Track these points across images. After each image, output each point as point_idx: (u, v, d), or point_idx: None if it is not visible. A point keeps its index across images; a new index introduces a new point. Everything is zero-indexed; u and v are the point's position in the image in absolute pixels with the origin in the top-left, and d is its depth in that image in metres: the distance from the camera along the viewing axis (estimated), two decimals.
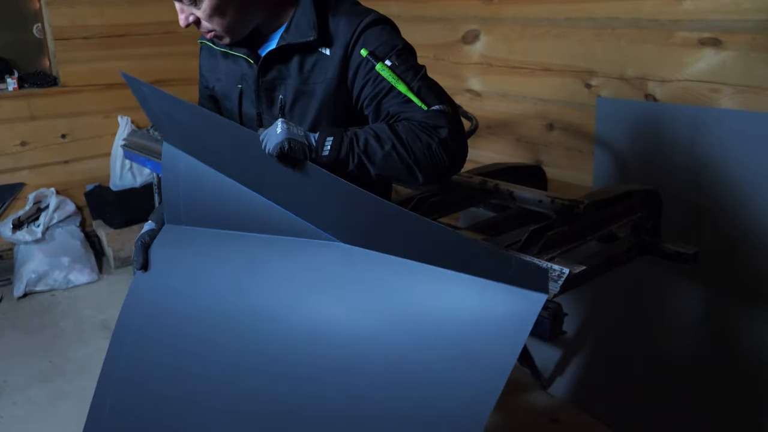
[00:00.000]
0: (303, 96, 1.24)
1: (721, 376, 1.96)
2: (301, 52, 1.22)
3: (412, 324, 1.01)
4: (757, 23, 1.79)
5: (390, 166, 1.13)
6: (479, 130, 2.33)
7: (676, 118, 1.98)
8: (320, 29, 1.20)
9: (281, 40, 1.22)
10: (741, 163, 1.84)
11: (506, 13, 2.46)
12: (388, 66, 1.18)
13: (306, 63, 1.23)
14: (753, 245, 1.85)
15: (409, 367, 0.99)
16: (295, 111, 1.26)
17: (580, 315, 2.29)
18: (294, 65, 1.23)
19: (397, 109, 1.18)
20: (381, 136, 1.13)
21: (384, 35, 1.21)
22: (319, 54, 1.22)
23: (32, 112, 3.42)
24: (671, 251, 1.69)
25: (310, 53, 1.22)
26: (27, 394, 2.45)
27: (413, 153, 1.13)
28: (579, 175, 2.37)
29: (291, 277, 1.15)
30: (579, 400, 2.33)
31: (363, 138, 1.12)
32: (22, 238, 3.27)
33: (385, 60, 1.19)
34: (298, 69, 1.23)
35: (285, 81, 1.25)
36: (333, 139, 1.10)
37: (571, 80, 2.30)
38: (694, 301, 1.99)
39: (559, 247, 1.50)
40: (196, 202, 1.33)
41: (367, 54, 1.18)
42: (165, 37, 3.66)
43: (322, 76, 1.22)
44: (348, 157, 1.11)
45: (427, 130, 1.14)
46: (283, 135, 1.04)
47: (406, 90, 1.18)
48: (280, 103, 1.25)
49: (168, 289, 1.33)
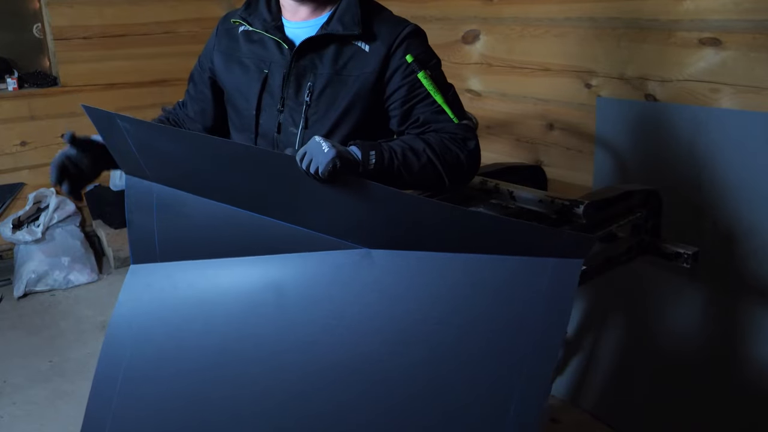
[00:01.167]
0: (334, 85, 1.27)
1: (721, 376, 1.96)
2: (338, 44, 1.26)
3: (456, 316, 1.02)
4: (757, 23, 1.79)
5: (424, 177, 1.21)
6: (479, 130, 2.32)
7: (676, 118, 1.98)
8: (364, 26, 1.25)
9: (322, 29, 1.26)
10: (741, 163, 1.84)
11: (506, 13, 2.46)
12: (429, 75, 1.26)
13: (342, 55, 1.26)
14: (753, 245, 1.85)
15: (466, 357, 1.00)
16: (322, 99, 1.27)
17: (580, 315, 2.29)
18: (329, 55, 1.26)
19: (429, 117, 1.27)
20: (416, 148, 1.20)
21: (424, 45, 1.31)
22: (356, 48, 1.26)
23: (32, 112, 3.42)
24: (671, 251, 1.69)
25: (347, 46, 1.26)
26: (27, 394, 2.45)
27: (446, 164, 1.22)
28: (579, 175, 2.37)
29: (324, 290, 1.12)
30: (579, 400, 2.33)
31: (400, 151, 1.18)
32: (22, 238, 3.27)
33: (426, 69, 1.27)
34: (332, 59, 1.26)
35: (316, 69, 1.27)
36: (375, 153, 1.13)
37: (571, 80, 2.30)
38: (694, 301, 1.99)
39: None
40: (177, 234, 1.25)
41: (413, 60, 1.26)
42: (165, 37, 3.66)
43: (358, 70, 1.26)
44: (390, 170, 1.16)
45: (457, 142, 1.24)
46: (333, 153, 1.01)
47: (442, 101, 1.27)
48: (309, 89, 1.27)
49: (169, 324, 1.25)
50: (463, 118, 1.29)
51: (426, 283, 1.05)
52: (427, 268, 1.05)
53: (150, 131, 1.21)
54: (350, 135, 1.27)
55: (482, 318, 1.00)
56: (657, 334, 2.10)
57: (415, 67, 1.26)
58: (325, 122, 1.28)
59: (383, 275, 1.08)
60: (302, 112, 1.28)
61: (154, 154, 1.22)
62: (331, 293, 1.11)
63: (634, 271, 1.95)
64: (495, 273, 0.99)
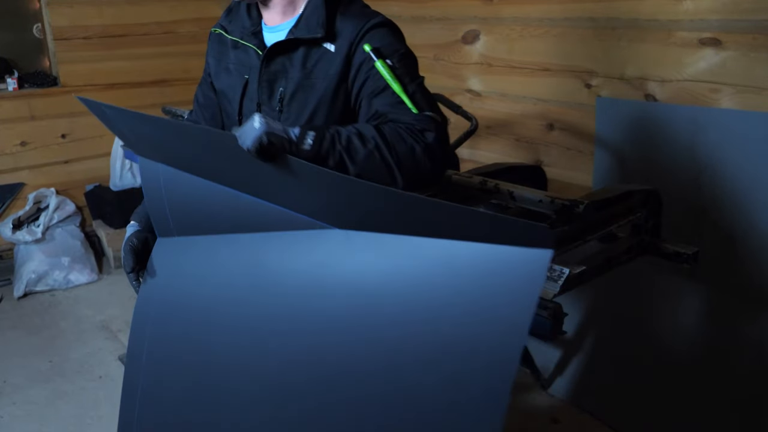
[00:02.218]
0: (303, 90, 1.25)
1: (721, 375, 1.96)
2: (307, 47, 1.24)
3: (422, 298, 1.01)
4: (757, 23, 1.79)
5: (371, 166, 1.11)
6: (479, 130, 2.32)
7: (676, 118, 1.98)
8: (328, 26, 1.22)
9: (290, 33, 1.25)
10: (741, 163, 1.84)
11: (506, 13, 2.46)
12: (388, 65, 1.19)
13: (310, 58, 1.24)
14: (753, 245, 1.85)
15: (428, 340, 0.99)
16: (293, 104, 1.27)
17: (580, 315, 2.29)
18: (298, 59, 1.25)
19: (387, 108, 1.18)
20: (365, 134, 1.11)
21: (389, 37, 1.23)
22: (323, 50, 1.23)
23: (32, 112, 3.42)
24: (671, 251, 1.69)
25: (315, 48, 1.24)
26: (27, 394, 2.45)
27: (396, 154, 1.11)
28: (579, 175, 2.37)
29: (294, 268, 1.14)
30: (579, 400, 2.33)
31: (345, 135, 1.10)
32: (22, 238, 3.27)
33: (386, 59, 1.19)
34: (301, 63, 1.25)
35: (287, 73, 1.26)
36: (315, 134, 1.08)
37: (571, 80, 2.30)
38: (694, 301, 1.99)
39: (559, 247, 1.50)
40: (183, 211, 1.30)
41: (370, 49, 1.19)
42: (165, 37, 3.67)
43: (324, 72, 1.23)
44: (329, 153, 1.09)
45: (413, 133, 1.13)
46: (262, 129, 1.00)
47: (401, 91, 1.17)
48: (280, 95, 1.27)
49: (176, 298, 1.32)
50: (426, 111, 1.18)
51: (396, 265, 1.04)
52: (398, 250, 1.03)
53: (131, 118, 1.24)
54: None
55: (451, 303, 0.98)
56: (657, 334, 2.10)
57: (373, 57, 1.19)
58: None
59: (353, 255, 1.08)
60: (277, 117, 1.28)
61: (142, 138, 1.28)
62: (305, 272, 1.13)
63: (634, 271, 1.95)
64: (467, 259, 0.97)
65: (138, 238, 1.37)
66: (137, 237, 1.37)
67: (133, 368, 1.39)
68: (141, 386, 1.37)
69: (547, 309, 1.35)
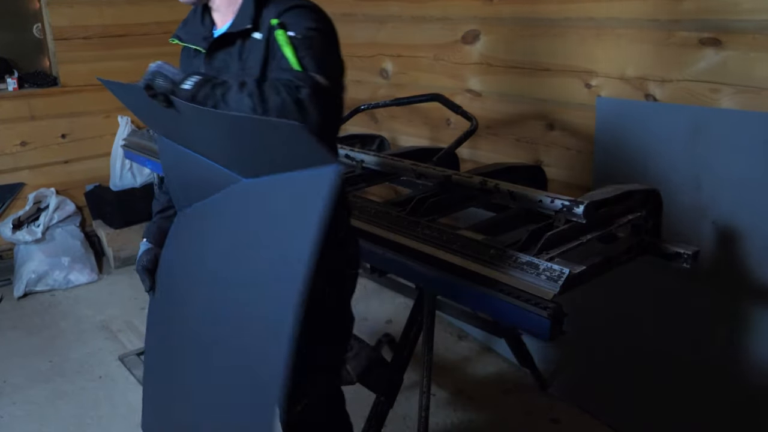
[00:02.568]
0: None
1: (721, 376, 1.96)
2: (242, 40, 1.30)
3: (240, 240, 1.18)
4: (757, 23, 1.79)
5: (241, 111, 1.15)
6: (479, 130, 2.33)
7: (676, 118, 1.98)
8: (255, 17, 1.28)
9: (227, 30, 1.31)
10: (741, 163, 1.84)
11: (506, 13, 2.46)
12: (288, 36, 1.21)
13: (245, 49, 1.30)
14: (753, 245, 1.85)
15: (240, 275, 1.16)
16: None
17: (580, 315, 2.28)
18: (236, 52, 1.30)
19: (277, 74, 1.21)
20: (246, 84, 1.17)
21: (301, 16, 1.24)
22: (253, 40, 1.28)
23: (32, 112, 3.42)
24: (671, 251, 1.69)
25: (247, 40, 1.29)
26: (27, 394, 2.45)
27: (266, 104, 1.13)
28: (579, 175, 2.37)
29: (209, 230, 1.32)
30: (579, 400, 2.33)
31: (227, 83, 1.18)
32: (22, 238, 3.27)
33: (287, 31, 1.21)
34: (238, 55, 1.30)
35: (229, 68, 1.31)
36: (197, 78, 1.17)
37: (571, 80, 2.30)
38: (694, 301, 1.99)
39: (559, 247, 1.50)
40: (175, 182, 1.44)
41: (276, 23, 1.22)
42: (165, 37, 3.63)
43: (254, 60, 1.28)
44: (208, 97, 1.16)
45: (288, 87, 1.14)
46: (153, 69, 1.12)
47: (292, 54, 1.20)
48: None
49: (162, 266, 1.49)
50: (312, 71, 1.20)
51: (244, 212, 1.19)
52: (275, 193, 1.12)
53: (121, 91, 1.36)
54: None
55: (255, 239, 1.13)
56: (657, 334, 2.10)
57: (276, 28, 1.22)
58: None
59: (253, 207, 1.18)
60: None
61: (139, 110, 1.41)
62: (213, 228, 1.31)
63: (634, 271, 1.95)
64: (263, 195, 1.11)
65: (148, 258, 1.47)
66: (147, 256, 1.47)
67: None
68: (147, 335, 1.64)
69: (547, 309, 1.35)
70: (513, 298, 1.41)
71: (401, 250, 1.68)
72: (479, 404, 2.41)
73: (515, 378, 2.54)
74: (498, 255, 1.50)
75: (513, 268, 1.46)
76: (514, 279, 1.44)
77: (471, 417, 2.35)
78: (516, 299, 1.41)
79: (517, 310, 1.41)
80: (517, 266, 1.46)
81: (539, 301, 1.37)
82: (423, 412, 1.80)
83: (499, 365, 2.64)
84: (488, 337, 2.73)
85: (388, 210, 1.81)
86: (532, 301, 1.38)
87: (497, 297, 1.44)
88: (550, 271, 1.40)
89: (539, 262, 1.43)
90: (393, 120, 3.06)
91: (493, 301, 1.45)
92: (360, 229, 1.82)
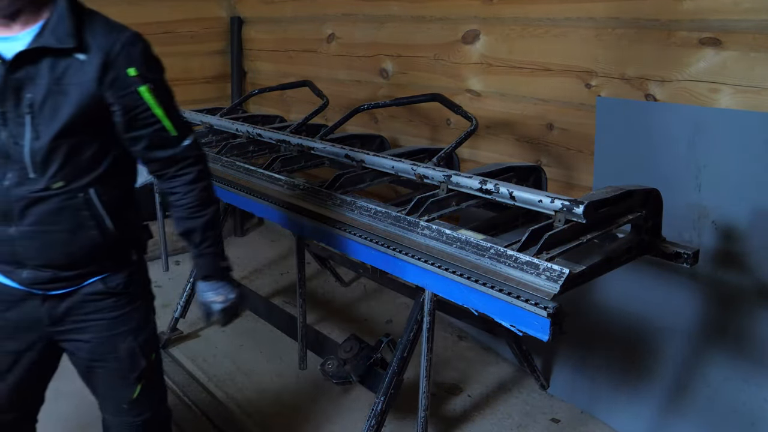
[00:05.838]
0: (54, 95, 1.27)
1: (721, 376, 1.96)
2: (54, 55, 1.27)
3: None
4: (757, 23, 1.79)
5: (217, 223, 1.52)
6: (479, 130, 2.32)
7: (676, 118, 1.98)
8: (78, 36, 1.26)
9: (35, 42, 1.25)
10: (741, 163, 1.84)
11: (506, 13, 2.46)
12: (152, 89, 1.32)
13: (58, 65, 1.27)
14: (753, 245, 1.85)
15: None
16: (45, 109, 1.27)
17: (580, 315, 2.29)
18: (45, 66, 1.27)
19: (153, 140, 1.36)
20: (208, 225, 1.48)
21: (147, 54, 1.35)
22: (73, 59, 1.27)
23: None
24: (671, 251, 1.69)
25: (62, 57, 1.27)
26: None
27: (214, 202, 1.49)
28: (579, 175, 2.37)
29: None
30: (579, 400, 2.34)
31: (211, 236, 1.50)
32: None
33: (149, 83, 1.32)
34: (49, 69, 1.27)
35: (34, 80, 1.27)
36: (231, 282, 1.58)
37: (571, 80, 2.30)
38: (694, 301, 1.99)
39: (559, 247, 1.50)
40: None
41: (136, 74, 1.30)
42: (165, 37, 3.66)
43: (77, 79, 1.27)
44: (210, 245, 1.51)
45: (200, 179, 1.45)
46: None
47: (164, 116, 1.35)
48: (29, 101, 1.27)
49: None
50: (184, 131, 1.40)
51: None
52: None
53: None
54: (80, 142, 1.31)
55: None
56: (657, 334, 2.10)
57: (138, 82, 1.30)
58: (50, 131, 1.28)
59: None
60: (26, 124, 1.27)
61: None
62: None
63: (634, 271, 1.95)
64: None
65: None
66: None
67: None
68: None
69: (547, 309, 1.35)
70: (513, 298, 1.41)
71: (401, 250, 1.68)
72: (479, 404, 2.41)
73: (515, 378, 2.54)
74: (498, 255, 1.50)
75: (513, 268, 1.46)
76: (514, 279, 1.44)
77: (471, 417, 2.35)
78: (516, 299, 1.41)
79: (517, 310, 1.41)
80: (517, 266, 1.46)
81: (539, 301, 1.37)
82: (423, 412, 1.80)
83: (499, 365, 2.64)
84: (488, 337, 2.73)
85: (388, 210, 1.81)
86: (532, 301, 1.38)
87: (497, 297, 1.44)
88: (550, 271, 1.40)
89: (539, 262, 1.43)
90: (393, 120, 3.06)
91: (493, 301, 1.46)
92: (360, 228, 1.83)
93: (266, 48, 3.79)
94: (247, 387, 2.54)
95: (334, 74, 3.31)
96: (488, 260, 1.51)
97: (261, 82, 3.83)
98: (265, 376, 2.61)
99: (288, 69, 3.61)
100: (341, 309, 3.15)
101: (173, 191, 1.45)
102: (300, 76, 3.28)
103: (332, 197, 1.96)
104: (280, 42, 3.66)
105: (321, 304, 3.18)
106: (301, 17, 3.46)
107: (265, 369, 2.65)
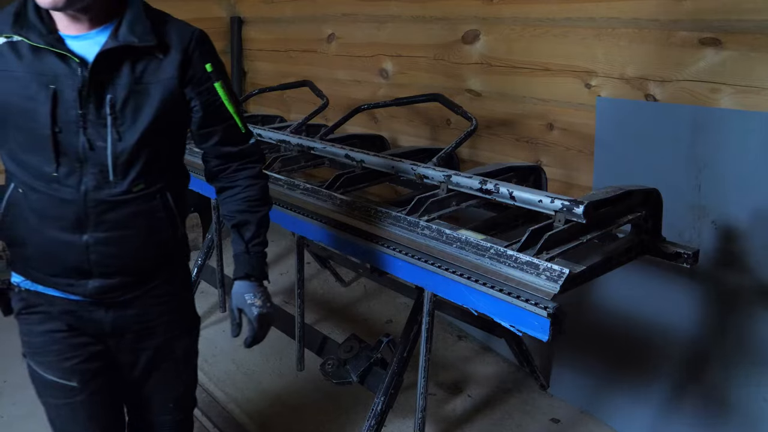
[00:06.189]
0: (135, 95, 1.25)
1: (721, 376, 1.96)
2: (134, 55, 1.25)
3: None
4: (757, 23, 1.79)
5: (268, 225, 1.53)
6: (479, 130, 2.33)
7: (676, 118, 1.98)
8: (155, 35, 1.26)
9: (113, 41, 1.22)
10: (741, 163, 1.84)
11: (506, 13, 2.46)
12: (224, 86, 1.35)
13: (138, 64, 1.25)
14: (753, 245, 1.85)
15: None
16: (127, 110, 1.25)
17: (581, 315, 2.29)
18: (126, 66, 1.24)
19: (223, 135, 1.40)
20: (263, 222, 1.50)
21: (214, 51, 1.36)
22: (151, 57, 1.26)
23: None
24: (671, 251, 1.69)
25: (142, 56, 1.25)
26: (27, 394, 2.43)
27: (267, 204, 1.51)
28: (579, 175, 2.37)
29: None
30: (579, 400, 2.34)
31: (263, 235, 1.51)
32: None
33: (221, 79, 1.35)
34: (129, 70, 1.24)
35: (115, 81, 1.24)
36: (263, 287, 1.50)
37: (571, 80, 2.30)
38: (694, 301, 1.99)
39: (559, 247, 1.50)
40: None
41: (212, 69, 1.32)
42: None
43: (157, 77, 1.26)
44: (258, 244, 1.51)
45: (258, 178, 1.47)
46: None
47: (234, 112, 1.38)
48: (110, 102, 1.23)
49: None
50: (248, 129, 1.44)
51: None
52: None
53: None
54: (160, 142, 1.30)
55: None
56: (657, 334, 2.10)
57: (214, 77, 1.32)
58: (134, 133, 1.25)
59: None
60: (108, 125, 1.24)
61: None
62: None
63: (634, 271, 1.95)
64: None
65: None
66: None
67: None
68: None
69: (547, 309, 1.35)
70: (513, 298, 1.41)
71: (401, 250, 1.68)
72: (479, 404, 2.41)
73: (515, 378, 2.54)
74: (498, 255, 1.50)
75: (513, 268, 1.46)
76: (514, 279, 1.44)
77: (471, 417, 2.35)
78: (516, 299, 1.41)
79: (517, 310, 1.41)
80: (517, 266, 1.46)
81: (539, 301, 1.37)
82: (420, 412, 1.80)
83: (499, 365, 2.64)
84: (488, 337, 2.73)
85: (388, 210, 1.81)
86: (532, 301, 1.38)
87: (497, 297, 1.44)
88: (550, 271, 1.40)
89: (539, 262, 1.43)
90: (393, 120, 3.06)
91: (493, 301, 1.46)
92: (360, 228, 1.83)
93: (266, 48, 3.80)
94: (247, 387, 2.54)
95: (334, 74, 3.31)
96: (488, 260, 1.51)
97: (261, 82, 3.83)
98: (265, 376, 2.61)
99: (288, 69, 3.61)
100: (341, 309, 3.15)
101: (234, 184, 1.45)
102: (300, 76, 3.28)
103: (332, 197, 1.96)
104: (280, 42, 3.66)
105: (321, 304, 3.18)
106: (301, 17, 3.46)
107: (265, 369, 2.65)
